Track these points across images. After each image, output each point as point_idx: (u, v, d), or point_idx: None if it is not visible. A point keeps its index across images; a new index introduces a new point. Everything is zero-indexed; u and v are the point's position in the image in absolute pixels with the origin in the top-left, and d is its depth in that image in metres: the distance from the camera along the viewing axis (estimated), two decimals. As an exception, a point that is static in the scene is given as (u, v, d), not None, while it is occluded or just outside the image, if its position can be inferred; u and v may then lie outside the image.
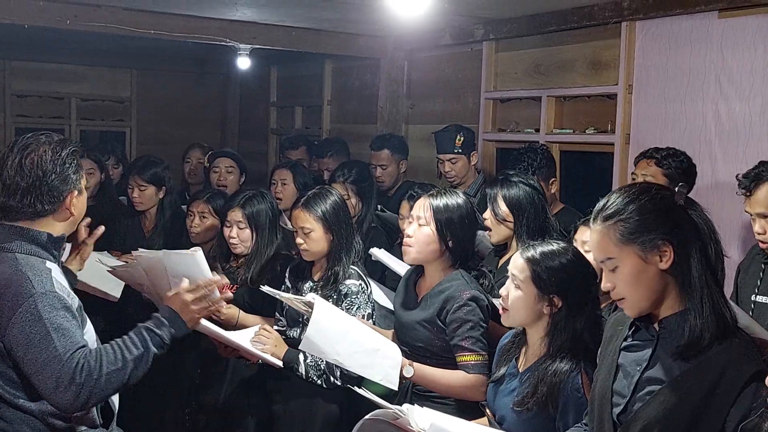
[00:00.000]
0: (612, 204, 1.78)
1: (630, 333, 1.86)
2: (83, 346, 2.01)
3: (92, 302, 2.98)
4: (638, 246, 1.73)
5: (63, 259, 2.40)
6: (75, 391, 1.96)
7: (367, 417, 2.16)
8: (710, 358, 1.68)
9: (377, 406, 2.17)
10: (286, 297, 2.84)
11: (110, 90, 7.51)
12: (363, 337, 2.60)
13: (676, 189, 1.79)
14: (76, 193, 2.16)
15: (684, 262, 1.72)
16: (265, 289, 2.84)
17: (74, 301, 2.11)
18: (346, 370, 2.69)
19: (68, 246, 2.52)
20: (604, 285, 1.81)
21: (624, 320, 1.90)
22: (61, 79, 7.23)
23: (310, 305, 2.63)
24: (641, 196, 1.76)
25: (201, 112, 7.81)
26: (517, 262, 2.27)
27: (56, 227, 2.17)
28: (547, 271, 2.21)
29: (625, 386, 1.80)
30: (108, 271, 3.23)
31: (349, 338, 2.55)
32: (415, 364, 2.62)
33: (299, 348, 2.64)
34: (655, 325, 1.79)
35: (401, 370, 2.56)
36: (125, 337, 2.10)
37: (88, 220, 2.51)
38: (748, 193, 2.65)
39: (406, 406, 2.13)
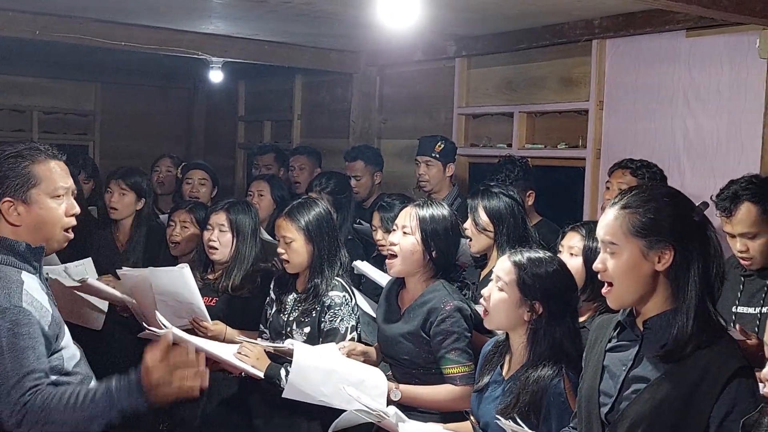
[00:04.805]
0: (635, 195, 1.82)
1: (615, 334, 1.90)
2: (36, 372, 1.93)
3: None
4: (644, 242, 1.77)
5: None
6: (15, 410, 1.88)
7: (353, 409, 2.18)
8: (694, 356, 1.72)
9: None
10: (264, 345, 2.83)
11: (73, 103, 7.38)
12: (346, 371, 2.60)
13: (698, 205, 1.84)
14: (9, 201, 2.06)
15: (682, 270, 1.77)
16: (241, 338, 2.84)
17: (46, 315, 2.03)
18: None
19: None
20: (596, 265, 1.86)
21: (608, 323, 1.94)
22: (22, 92, 7.08)
23: (289, 352, 2.63)
24: (664, 198, 1.81)
25: (166, 127, 7.72)
26: (503, 265, 2.31)
27: (30, 238, 2.08)
28: (533, 277, 2.26)
29: (611, 386, 1.84)
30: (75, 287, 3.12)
31: (333, 377, 2.55)
32: (401, 386, 2.64)
33: (284, 395, 2.62)
34: (640, 325, 1.83)
35: (389, 395, 2.58)
36: (90, 393, 1.94)
37: None
38: (728, 214, 2.67)
39: (391, 408, 2.15)
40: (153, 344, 1.97)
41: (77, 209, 2.18)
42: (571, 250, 2.60)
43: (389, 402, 2.57)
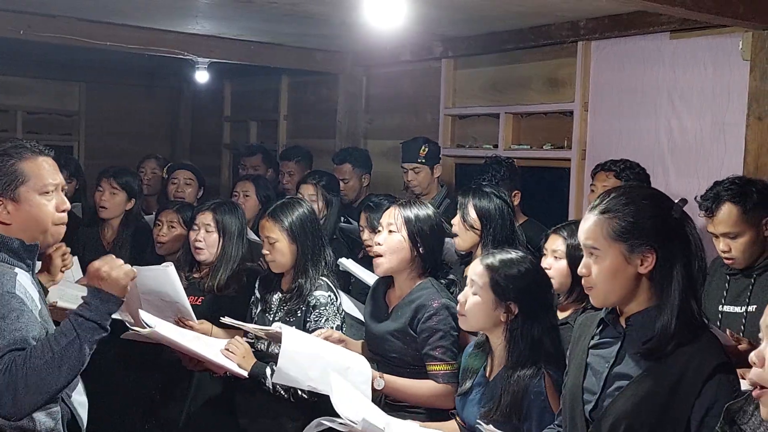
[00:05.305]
0: (613, 199, 1.83)
1: (597, 332, 1.91)
2: (20, 349, 1.94)
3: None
4: (626, 246, 1.78)
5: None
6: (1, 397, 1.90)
7: (321, 419, 2.18)
8: (675, 353, 1.74)
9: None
10: (251, 328, 2.82)
11: (58, 103, 7.34)
12: (332, 357, 2.59)
13: (677, 201, 1.85)
14: None
15: (665, 271, 1.78)
16: (226, 320, 2.82)
17: (35, 308, 2.05)
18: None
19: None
20: (580, 270, 1.86)
21: (591, 320, 1.96)
22: (6, 91, 7.03)
23: (276, 336, 2.62)
24: (643, 201, 1.82)
25: (151, 127, 7.69)
26: (476, 269, 2.32)
27: (22, 235, 2.09)
28: (506, 278, 2.27)
29: (594, 383, 1.85)
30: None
31: (319, 362, 2.55)
32: (385, 376, 2.64)
33: (273, 380, 2.63)
34: (622, 323, 1.85)
35: (372, 384, 2.58)
36: (55, 329, 2.01)
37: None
38: (711, 214, 2.72)
39: (359, 415, 2.13)
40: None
41: (68, 204, 2.19)
42: (555, 253, 2.61)
43: (373, 391, 2.57)
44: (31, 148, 2.14)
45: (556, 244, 2.63)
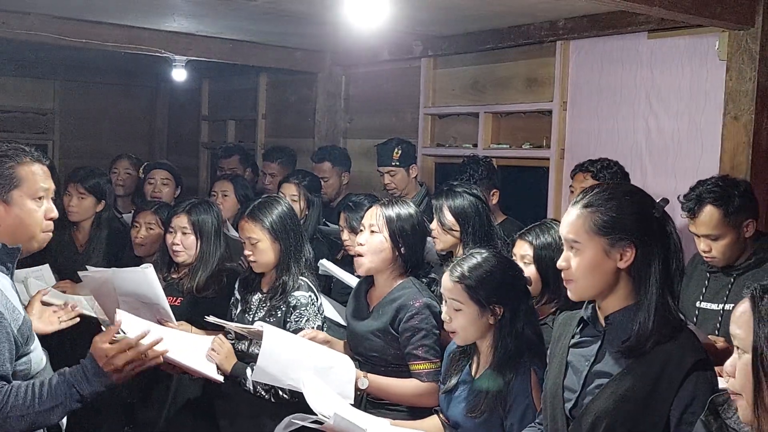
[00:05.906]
0: (596, 194, 1.85)
1: (578, 330, 1.93)
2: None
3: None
4: (606, 240, 1.80)
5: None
6: None
7: (291, 417, 2.18)
8: (655, 351, 1.76)
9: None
10: (234, 326, 2.80)
11: (32, 101, 7.24)
12: (315, 357, 2.58)
13: (659, 200, 1.86)
14: None
15: (643, 267, 1.79)
16: (211, 319, 2.80)
17: (18, 317, 2.02)
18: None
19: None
20: (560, 263, 1.88)
21: (571, 319, 1.97)
22: (-21, 90, 6.95)
23: (259, 334, 2.61)
24: (624, 197, 1.83)
25: (128, 126, 7.62)
26: (447, 285, 2.31)
27: (7, 238, 2.07)
28: (480, 284, 2.26)
29: (575, 382, 1.87)
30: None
31: (301, 362, 2.53)
32: (369, 375, 2.64)
33: (252, 378, 2.61)
34: (602, 321, 1.86)
35: (356, 383, 2.58)
36: (45, 383, 1.98)
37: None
38: (693, 215, 2.74)
39: (331, 410, 2.13)
40: (103, 333, 2.09)
41: (56, 213, 2.18)
42: (523, 259, 2.61)
43: (357, 390, 2.57)
44: (29, 152, 2.14)
45: (523, 249, 2.62)
